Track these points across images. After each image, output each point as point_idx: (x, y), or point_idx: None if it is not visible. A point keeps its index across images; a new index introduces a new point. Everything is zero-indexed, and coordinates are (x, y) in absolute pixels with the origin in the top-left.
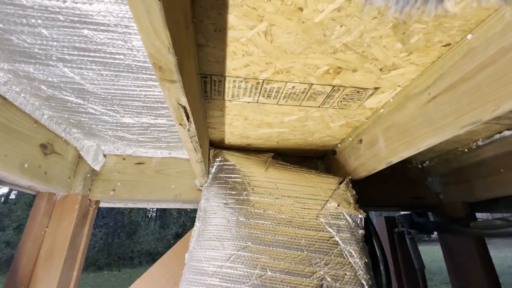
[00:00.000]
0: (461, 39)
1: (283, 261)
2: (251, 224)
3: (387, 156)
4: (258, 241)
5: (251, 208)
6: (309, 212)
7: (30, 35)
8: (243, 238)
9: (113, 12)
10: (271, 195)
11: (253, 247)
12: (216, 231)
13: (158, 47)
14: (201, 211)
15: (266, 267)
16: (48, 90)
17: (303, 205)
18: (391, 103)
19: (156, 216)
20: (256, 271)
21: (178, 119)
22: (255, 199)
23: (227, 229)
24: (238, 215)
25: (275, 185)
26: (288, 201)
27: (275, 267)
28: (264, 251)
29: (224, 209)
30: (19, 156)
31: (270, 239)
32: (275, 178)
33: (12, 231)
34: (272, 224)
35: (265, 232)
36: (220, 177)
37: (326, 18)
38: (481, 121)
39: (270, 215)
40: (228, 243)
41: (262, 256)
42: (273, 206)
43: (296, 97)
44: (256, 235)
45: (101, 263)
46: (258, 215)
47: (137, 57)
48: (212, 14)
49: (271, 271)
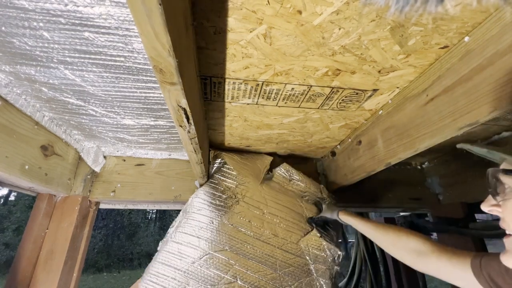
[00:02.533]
0: (459, 42)
1: (255, 275)
2: (233, 230)
3: (386, 157)
4: (236, 248)
5: (236, 216)
6: (291, 235)
7: (32, 38)
8: (221, 242)
9: (114, 15)
10: (259, 209)
11: (229, 253)
12: (197, 228)
13: (159, 50)
14: (188, 204)
15: (237, 275)
16: (49, 92)
17: (287, 227)
18: (389, 105)
19: (156, 217)
20: (226, 276)
21: (178, 120)
22: (243, 208)
23: (208, 229)
24: (223, 218)
25: (265, 200)
26: (274, 219)
27: (245, 278)
28: (239, 259)
29: (209, 209)
30: (20, 157)
31: (247, 250)
32: (267, 194)
33: (11, 233)
34: (253, 237)
35: (244, 242)
36: (215, 177)
37: (324, 21)
38: (478, 122)
39: (253, 227)
40: (206, 242)
41: (236, 264)
42: (258, 220)
43: (295, 99)
44: (235, 242)
45: (100, 264)
46: (242, 224)
47: (137, 60)
48: (212, 17)
49: (241, 281)
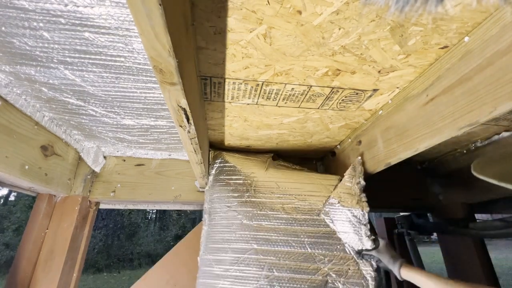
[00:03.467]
0: (458, 42)
1: (288, 260)
2: (254, 226)
3: (386, 158)
4: (263, 242)
5: (253, 210)
6: (310, 209)
7: (32, 38)
8: (248, 241)
9: (114, 15)
10: (273, 194)
11: (258, 249)
12: (221, 235)
13: (159, 50)
14: (206, 213)
15: (272, 267)
16: (49, 92)
17: (304, 203)
18: (389, 105)
19: (156, 217)
20: (263, 272)
21: (178, 121)
22: (258, 200)
23: (231, 232)
24: (241, 218)
25: (276, 184)
26: (289, 199)
27: (281, 267)
28: (269, 252)
29: (227, 212)
30: (20, 157)
31: (274, 239)
32: (276, 177)
33: (11, 233)
34: (275, 224)
35: (268, 233)
36: (222, 179)
37: (324, 21)
38: (478, 122)
39: (273, 215)
40: (234, 245)
41: (267, 257)
42: (275, 205)
43: (295, 99)
44: (260, 237)
45: (100, 264)
46: (261, 216)
47: (137, 60)
48: (212, 17)
49: (278, 271)
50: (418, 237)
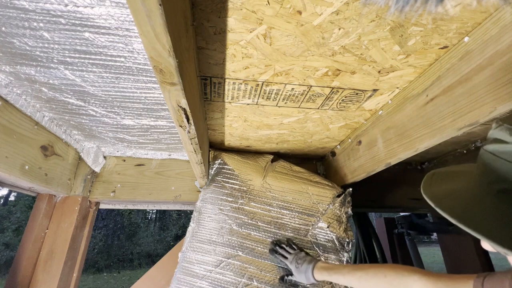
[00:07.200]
0: (458, 42)
1: (269, 274)
2: (243, 234)
3: (386, 158)
4: (248, 251)
5: (245, 218)
6: (299, 228)
7: (32, 38)
8: (234, 247)
9: (114, 15)
10: (266, 205)
11: (242, 257)
12: (209, 235)
13: (159, 50)
14: (197, 211)
15: (253, 277)
16: (49, 92)
17: (295, 221)
18: (389, 105)
19: (156, 217)
20: (243, 280)
21: (178, 121)
22: (250, 209)
23: (219, 235)
24: (232, 223)
25: (271, 195)
26: (281, 214)
27: (261, 279)
28: (253, 262)
29: (218, 215)
30: (20, 157)
31: (259, 251)
32: (272, 187)
33: (11, 233)
34: (263, 236)
35: (256, 243)
36: (218, 180)
37: (324, 21)
38: (478, 122)
39: (263, 227)
40: (220, 249)
41: (250, 267)
42: (266, 217)
43: (295, 99)
44: (247, 245)
45: (100, 265)
46: (251, 225)
47: (137, 60)
48: (212, 17)
49: (257, 282)
50: (418, 237)
